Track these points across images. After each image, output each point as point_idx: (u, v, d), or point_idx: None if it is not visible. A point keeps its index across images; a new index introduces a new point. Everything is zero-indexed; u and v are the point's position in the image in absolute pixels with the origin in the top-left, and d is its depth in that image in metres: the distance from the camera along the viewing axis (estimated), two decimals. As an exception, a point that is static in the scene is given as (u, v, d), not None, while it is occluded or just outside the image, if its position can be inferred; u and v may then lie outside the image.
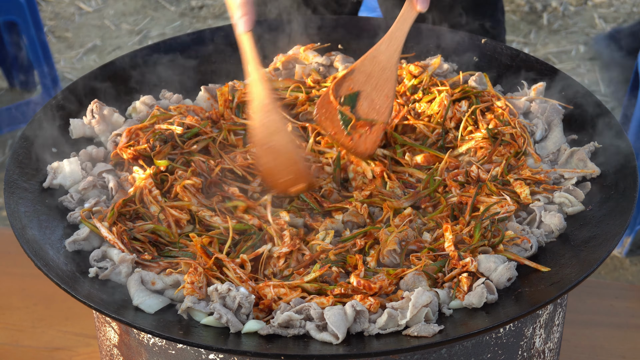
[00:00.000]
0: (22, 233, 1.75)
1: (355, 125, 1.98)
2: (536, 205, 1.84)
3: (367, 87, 1.99)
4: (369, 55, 1.99)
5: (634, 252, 4.17)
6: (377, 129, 1.98)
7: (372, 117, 1.98)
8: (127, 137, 1.99)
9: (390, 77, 1.98)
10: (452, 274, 1.70)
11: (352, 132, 1.98)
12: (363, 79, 1.99)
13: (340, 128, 1.98)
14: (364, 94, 1.99)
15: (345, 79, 1.99)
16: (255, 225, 1.84)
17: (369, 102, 1.99)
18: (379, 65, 1.98)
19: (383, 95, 1.98)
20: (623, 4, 5.80)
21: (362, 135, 1.98)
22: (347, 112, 1.98)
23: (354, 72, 1.99)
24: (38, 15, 4.67)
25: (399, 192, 1.93)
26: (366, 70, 1.99)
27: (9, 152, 4.77)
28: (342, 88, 1.99)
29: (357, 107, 1.98)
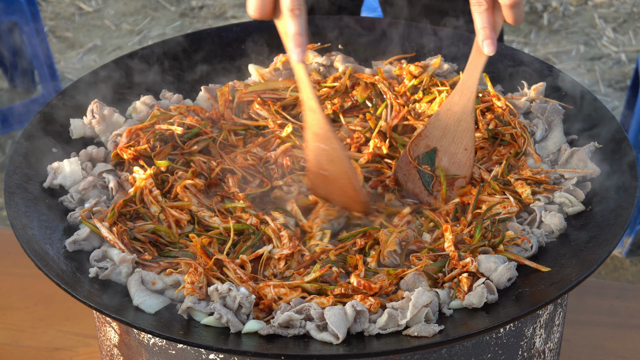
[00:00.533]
0: (22, 233, 1.75)
1: (438, 183, 1.93)
2: (536, 206, 1.84)
3: (444, 142, 1.93)
4: (441, 110, 1.93)
5: (634, 252, 4.17)
6: (460, 184, 1.93)
7: (453, 172, 1.93)
8: (128, 138, 1.99)
9: (468, 127, 1.91)
10: (452, 274, 1.70)
11: (434, 192, 1.94)
12: (439, 134, 1.93)
13: (422, 188, 1.94)
14: (441, 150, 1.93)
15: (420, 136, 1.94)
16: (253, 225, 1.84)
17: (449, 157, 1.93)
18: (453, 118, 1.91)
19: (462, 148, 1.92)
20: (623, 4, 5.81)
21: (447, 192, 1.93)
22: (427, 171, 1.94)
23: (428, 128, 1.94)
24: (38, 15, 4.68)
25: (397, 204, 1.93)
26: (441, 125, 1.92)
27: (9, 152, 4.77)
28: (419, 147, 1.95)
29: (436, 164, 1.94)
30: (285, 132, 2.05)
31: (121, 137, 2.00)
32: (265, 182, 1.98)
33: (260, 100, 2.13)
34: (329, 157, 1.87)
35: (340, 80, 2.17)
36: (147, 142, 1.97)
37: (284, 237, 1.80)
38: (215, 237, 1.82)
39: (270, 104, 2.11)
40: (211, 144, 2.03)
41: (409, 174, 1.95)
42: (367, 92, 2.12)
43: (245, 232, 1.83)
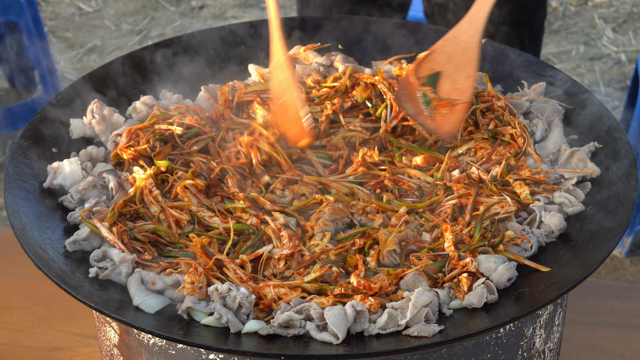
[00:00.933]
0: (22, 233, 1.75)
1: (437, 105, 1.97)
2: (536, 206, 1.84)
3: (448, 68, 1.98)
4: (449, 36, 1.98)
5: (634, 252, 4.17)
6: (460, 109, 1.97)
7: (454, 97, 1.97)
8: (127, 138, 1.99)
9: (472, 57, 1.97)
10: (452, 274, 1.70)
11: (433, 113, 1.97)
12: (444, 59, 1.98)
13: (421, 109, 1.98)
14: (445, 74, 1.98)
15: (426, 59, 1.98)
16: (254, 225, 1.84)
17: (451, 82, 1.98)
18: (460, 45, 1.97)
19: (464, 75, 1.97)
20: (623, 4, 5.81)
21: (445, 116, 1.97)
22: (428, 93, 1.97)
23: (434, 53, 1.98)
24: (38, 15, 4.68)
25: (396, 203, 1.93)
26: (447, 51, 1.98)
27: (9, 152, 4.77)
28: (423, 69, 1.98)
29: (438, 87, 1.98)
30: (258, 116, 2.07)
31: (121, 137, 2.00)
32: (255, 182, 1.98)
33: (260, 100, 2.13)
34: (285, 85, 1.98)
35: (340, 80, 2.17)
36: (146, 142, 1.97)
37: (284, 237, 1.80)
38: (215, 237, 1.82)
39: (271, 104, 2.11)
40: (210, 143, 2.03)
41: (409, 94, 1.99)
42: (367, 93, 2.12)
43: (245, 232, 1.83)
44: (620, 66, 5.31)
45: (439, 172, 1.97)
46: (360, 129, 2.09)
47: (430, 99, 1.98)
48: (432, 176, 1.98)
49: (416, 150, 2.03)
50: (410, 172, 1.99)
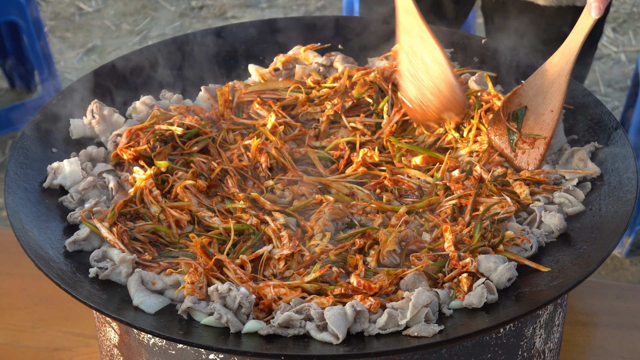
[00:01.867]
0: (22, 233, 1.75)
1: (519, 140, 1.97)
2: (536, 206, 1.84)
3: (535, 102, 1.97)
4: (541, 69, 1.96)
5: (634, 252, 4.17)
6: (540, 144, 1.96)
7: (536, 132, 1.96)
8: (127, 138, 1.99)
9: (559, 89, 1.95)
10: (452, 274, 1.70)
11: (516, 149, 1.97)
12: (533, 92, 1.97)
13: (507, 144, 1.98)
14: (531, 109, 1.97)
15: (516, 94, 1.98)
16: (254, 225, 1.84)
17: (535, 117, 1.97)
18: (549, 78, 1.95)
19: (549, 109, 1.95)
20: (623, 4, 5.80)
21: (525, 152, 1.96)
22: (513, 129, 1.97)
23: (524, 87, 1.97)
24: (38, 15, 4.68)
25: (396, 203, 1.93)
26: (536, 84, 1.96)
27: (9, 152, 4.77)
28: (513, 104, 1.98)
29: (523, 122, 1.97)
30: (269, 122, 2.05)
31: (121, 138, 2.00)
32: (257, 184, 1.98)
33: (260, 100, 2.13)
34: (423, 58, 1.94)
35: (340, 80, 2.17)
36: (146, 143, 1.97)
37: (284, 238, 1.80)
38: (215, 238, 1.82)
39: (271, 104, 2.11)
40: (210, 143, 2.03)
41: (499, 130, 1.98)
42: (365, 89, 2.13)
43: (245, 233, 1.83)
44: (620, 66, 5.31)
45: (439, 172, 1.97)
46: (361, 126, 2.09)
47: (515, 134, 1.97)
48: (432, 176, 1.98)
49: (416, 151, 2.03)
50: (410, 172, 1.99)
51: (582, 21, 1.92)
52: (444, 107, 1.96)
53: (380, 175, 1.99)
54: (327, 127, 2.11)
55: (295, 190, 1.96)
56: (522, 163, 1.97)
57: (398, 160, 2.02)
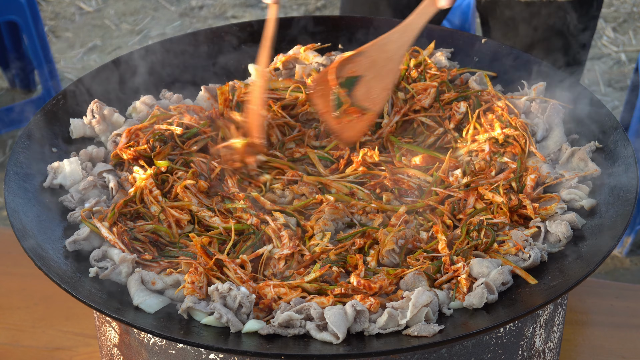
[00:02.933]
0: (22, 233, 1.75)
1: (347, 109, 1.94)
2: (537, 221, 1.81)
3: (368, 74, 1.94)
4: (378, 42, 1.94)
5: (634, 252, 4.17)
6: (367, 119, 1.95)
7: (365, 105, 1.94)
8: (127, 138, 1.99)
9: (394, 68, 1.94)
10: (443, 279, 1.70)
11: (341, 116, 1.95)
12: (367, 64, 1.94)
13: (331, 108, 1.94)
14: (364, 80, 1.94)
15: (350, 60, 1.94)
16: (254, 224, 1.84)
17: (366, 90, 1.94)
18: (385, 54, 1.93)
19: (381, 85, 1.94)
20: (623, 3, 5.81)
21: (351, 122, 1.95)
22: (342, 95, 1.94)
23: (359, 56, 1.94)
24: (38, 15, 4.67)
25: (396, 203, 1.93)
26: (372, 56, 1.93)
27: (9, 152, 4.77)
28: (345, 69, 1.94)
29: (353, 91, 1.94)
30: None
31: (121, 137, 2.00)
32: (254, 183, 1.98)
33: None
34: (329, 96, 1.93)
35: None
36: (146, 142, 1.97)
37: (284, 237, 1.80)
38: (215, 237, 1.82)
39: (271, 104, 2.11)
40: (210, 143, 2.03)
41: (323, 91, 1.95)
42: None
43: (246, 232, 1.83)
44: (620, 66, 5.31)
45: (439, 171, 1.97)
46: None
47: (342, 102, 1.94)
48: (432, 176, 1.98)
49: (416, 150, 2.03)
50: (410, 172, 1.99)
51: (426, 7, 1.92)
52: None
53: (380, 175, 1.99)
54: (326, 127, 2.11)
55: (296, 190, 1.96)
56: (343, 131, 1.95)
57: (398, 160, 2.02)
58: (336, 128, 1.95)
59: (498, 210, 1.85)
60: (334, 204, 1.89)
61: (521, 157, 1.97)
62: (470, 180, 1.92)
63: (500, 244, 1.77)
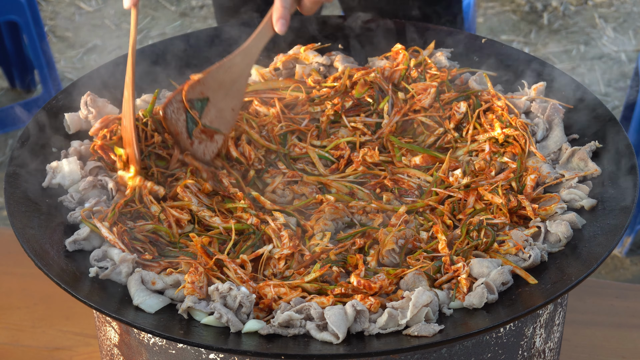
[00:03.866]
0: (22, 233, 1.75)
1: (200, 130, 1.99)
2: (537, 222, 1.81)
3: (217, 96, 2.00)
4: (224, 64, 2.01)
5: (634, 252, 4.17)
6: (219, 139, 2.01)
7: (216, 126, 2.00)
8: (102, 124, 1.99)
9: (240, 90, 2.03)
10: (443, 279, 1.70)
11: (194, 137, 1.99)
12: (215, 86, 2.00)
13: (183, 130, 1.99)
14: (212, 102, 2.00)
15: (199, 82, 1.99)
16: (254, 224, 1.84)
17: (217, 111, 2.01)
18: (230, 77, 2.01)
19: (230, 107, 2.02)
20: (623, 3, 5.81)
21: (203, 142, 1.99)
22: (195, 116, 1.99)
23: (206, 77, 2.00)
24: (38, 15, 4.67)
25: (396, 203, 1.93)
26: (219, 78, 2.01)
27: (9, 152, 4.77)
28: (195, 91, 1.99)
29: (204, 113, 2.00)
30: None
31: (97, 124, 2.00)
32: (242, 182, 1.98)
33: (260, 100, 2.13)
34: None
35: (340, 80, 2.17)
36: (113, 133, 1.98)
37: (284, 237, 1.80)
38: (215, 237, 1.82)
39: (275, 101, 2.11)
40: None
41: (177, 112, 1.99)
42: (365, 89, 2.13)
43: (246, 232, 1.83)
44: (620, 66, 5.31)
45: (439, 171, 1.97)
46: (362, 126, 2.09)
47: (195, 123, 1.99)
48: (431, 176, 1.98)
49: (416, 150, 2.03)
50: (410, 172, 1.99)
51: (264, 30, 2.03)
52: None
53: (380, 174, 1.99)
54: (327, 127, 2.11)
55: (296, 190, 1.96)
56: (197, 152, 1.99)
57: (398, 160, 2.02)
58: (190, 149, 1.99)
59: (497, 211, 1.85)
60: (334, 203, 1.89)
61: (521, 157, 1.97)
62: (470, 181, 1.92)
63: (500, 244, 1.77)
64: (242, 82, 2.03)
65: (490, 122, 2.04)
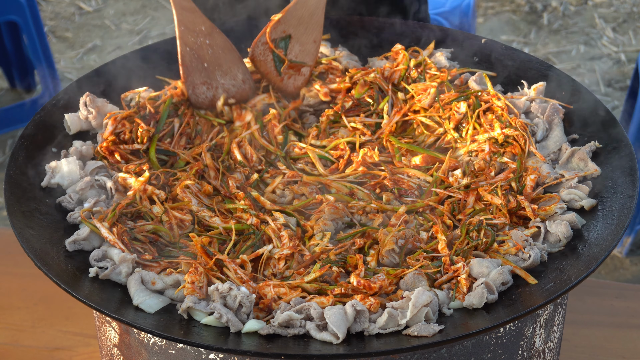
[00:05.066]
0: (22, 233, 1.75)
1: (287, 66, 2.13)
2: (537, 222, 1.81)
3: (298, 31, 2.13)
4: (299, 0, 2.12)
5: (634, 252, 4.17)
6: (305, 71, 2.15)
7: (301, 60, 2.14)
8: (113, 125, 2.00)
9: (318, 21, 2.13)
10: (443, 279, 1.70)
11: (283, 74, 2.13)
12: (295, 23, 2.12)
13: (272, 68, 2.13)
14: (294, 38, 2.13)
15: (279, 22, 2.11)
16: (254, 224, 1.84)
17: (300, 46, 2.14)
18: (308, 11, 2.12)
19: (311, 39, 2.14)
20: (623, 3, 5.81)
21: (292, 77, 2.14)
22: (280, 54, 2.12)
23: (285, 16, 2.12)
24: (38, 15, 4.68)
25: (396, 203, 1.93)
26: (297, 15, 2.12)
27: (9, 152, 4.77)
28: (277, 31, 2.12)
29: (289, 49, 2.13)
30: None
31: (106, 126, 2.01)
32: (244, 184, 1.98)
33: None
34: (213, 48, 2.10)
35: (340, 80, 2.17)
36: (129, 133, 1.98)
37: (284, 237, 1.80)
38: (215, 237, 1.82)
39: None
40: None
41: (264, 53, 2.13)
42: (365, 89, 2.13)
43: (246, 232, 1.83)
44: (620, 66, 5.31)
45: (439, 172, 1.97)
46: (361, 126, 2.09)
47: (282, 60, 2.14)
48: (431, 176, 1.98)
49: (416, 151, 2.03)
50: (410, 172, 1.99)
51: None
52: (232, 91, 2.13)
53: (380, 175, 1.99)
54: (327, 127, 2.11)
55: (295, 190, 1.97)
56: (288, 86, 2.14)
57: (398, 160, 2.03)
58: (281, 85, 2.14)
59: (497, 212, 1.85)
60: (334, 204, 1.89)
61: (521, 157, 1.97)
62: (470, 181, 1.92)
63: (500, 244, 1.77)
64: (319, 13, 2.13)
65: (490, 122, 2.04)
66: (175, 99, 2.09)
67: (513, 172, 1.93)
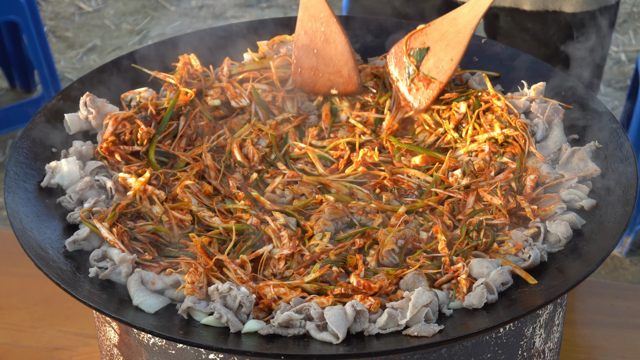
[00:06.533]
0: (22, 233, 1.75)
1: (416, 78, 2.10)
2: (537, 222, 1.81)
3: (438, 46, 2.08)
4: (449, 16, 2.07)
5: (634, 252, 4.17)
6: (434, 87, 2.08)
7: (433, 75, 2.09)
8: (114, 126, 1.99)
9: (462, 41, 2.06)
10: (443, 279, 1.70)
11: (410, 85, 2.10)
12: (437, 37, 2.08)
13: (402, 77, 2.11)
14: (432, 52, 2.09)
15: (422, 33, 2.09)
16: (254, 224, 1.84)
17: (435, 61, 2.09)
18: (455, 28, 2.06)
19: (450, 57, 2.07)
20: (623, 4, 5.81)
21: (419, 90, 2.09)
22: (413, 65, 2.09)
23: (430, 28, 2.09)
24: (38, 15, 4.68)
25: (396, 203, 1.93)
26: (442, 30, 2.07)
27: (9, 152, 4.77)
28: (417, 41, 2.09)
29: (423, 62, 2.10)
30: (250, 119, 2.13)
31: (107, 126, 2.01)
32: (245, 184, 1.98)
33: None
34: (326, 38, 2.09)
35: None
36: (129, 134, 1.98)
37: (284, 237, 1.80)
38: (215, 237, 1.82)
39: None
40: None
41: (398, 60, 2.12)
42: (369, 78, 2.16)
43: (245, 232, 1.84)
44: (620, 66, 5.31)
45: (439, 172, 1.97)
46: (361, 126, 2.09)
47: (413, 70, 2.10)
48: (431, 176, 1.98)
49: (416, 151, 2.04)
50: (410, 172, 1.99)
51: None
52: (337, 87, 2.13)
53: (380, 175, 1.99)
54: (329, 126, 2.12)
55: (295, 190, 1.97)
56: (413, 99, 2.10)
57: (398, 160, 2.03)
58: (406, 96, 2.10)
59: (497, 212, 1.85)
60: (334, 204, 1.89)
61: (521, 158, 1.97)
62: (470, 182, 1.92)
63: (500, 244, 1.77)
64: (466, 33, 2.06)
65: (490, 123, 2.04)
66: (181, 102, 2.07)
67: (513, 172, 1.93)
